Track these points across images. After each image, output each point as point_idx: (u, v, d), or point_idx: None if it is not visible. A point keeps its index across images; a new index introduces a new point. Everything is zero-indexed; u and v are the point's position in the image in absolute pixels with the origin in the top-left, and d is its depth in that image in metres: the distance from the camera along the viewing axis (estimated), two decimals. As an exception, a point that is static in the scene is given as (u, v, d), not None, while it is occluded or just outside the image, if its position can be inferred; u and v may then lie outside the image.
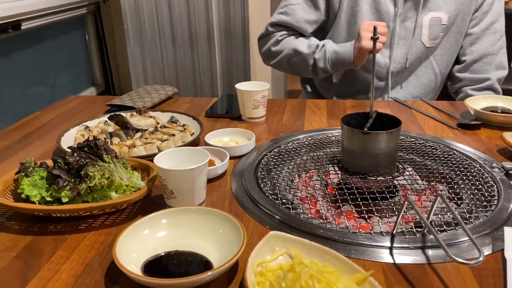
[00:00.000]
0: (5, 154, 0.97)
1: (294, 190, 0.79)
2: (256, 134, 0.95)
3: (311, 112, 1.18)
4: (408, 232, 0.66)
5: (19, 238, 0.66)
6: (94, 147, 0.73)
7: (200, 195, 0.72)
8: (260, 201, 0.74)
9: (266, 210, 0.72)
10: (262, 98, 1.11)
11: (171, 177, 0.68)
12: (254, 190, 0.78)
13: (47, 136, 1.07)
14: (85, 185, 0.68)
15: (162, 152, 0.74)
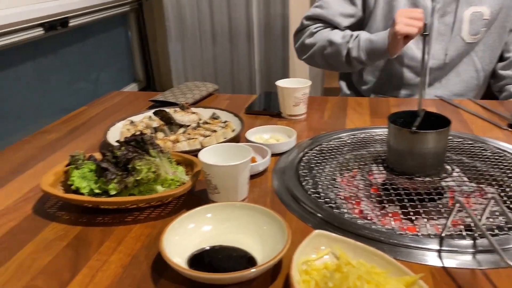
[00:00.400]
0: (54, 147, 1.01)
1: (337, 189, 0.78)
2: (297, 132, 0.95)
3: (352, 110, 1.16)
4: (457, 235, 0.63)
5: (69, 228, 0.68)
6: (141, 142, 0.75)
7: (243, 191, 0.72)
8: (302, 198, 0.73)
9: (308, 208, 0.71)
10: (303, 95, 1.10)
11: (215, 172, 0.69)
12: (296, 187, 0.77)
13: (93, 130, 1.10)
14: (133, 179, 0.70)
15: (206, 148, 0.75)
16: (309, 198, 0.74)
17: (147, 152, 0.75)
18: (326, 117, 1.12)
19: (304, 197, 0.74)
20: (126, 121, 1.06)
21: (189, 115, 1.06)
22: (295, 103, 1.10)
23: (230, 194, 0.70)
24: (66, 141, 1.04)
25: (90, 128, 1.12)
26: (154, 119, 1.07)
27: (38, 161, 0.93)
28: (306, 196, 0.74)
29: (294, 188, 0.77)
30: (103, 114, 1.24)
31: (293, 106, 1.10)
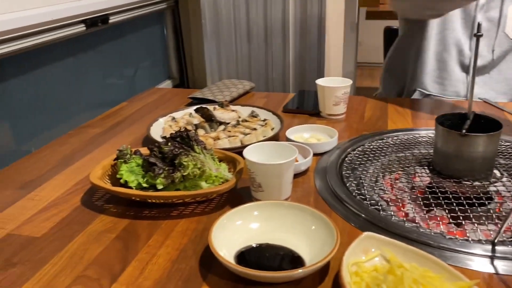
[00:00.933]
0: (98, 141, 1.04)
1: (381, 191, 0.77)
2: (338, 132, 0.95)
3: (394, 111, 1.15)
4: (510, 241, 0.61)
5: (117, 220, 0.70)
6: (186, 138, 0.76)
7: (286, 190, 0.72)
8: (346, 199, 0.73)
9: (353, 209, 0.71)
10: (344, 94, 1.09)
11: (260, 170, 0.69)
12: (339, 188, 0.77)
13: (135, 125, 1.13)
14: (179, 174, 0.71)
15: (250, 146, 0.75)
16: (354, 199, 0.73)
17: (192, 148, 0.76)
18: (366, 118, 1.11)
19: (348, 198, 0.73)
20: (167, 117, 1.07)
21: (229, 113, 1.06)
22: (335, 102, 1.09)
23: (274, 193, 0.71)
24: (109, 136, 1.06)
25: (132, 124, 1.14)
26: (194, 116, 1.08)
27: (84, 155, 0.96)
28: (350, 197, 0.74)
29: (337, 189, 0.77)
30: (143, 110, 1.26)
31: (333, 105, 1.10)
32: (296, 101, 1.30)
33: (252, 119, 1.06)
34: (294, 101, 1.29)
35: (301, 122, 1.09)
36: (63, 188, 0.81)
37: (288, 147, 0.75)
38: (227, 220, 0.61)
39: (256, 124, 1.02)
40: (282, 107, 1.22)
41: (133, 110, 1.26)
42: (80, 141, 1.04)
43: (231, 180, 0.74)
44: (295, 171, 0.80)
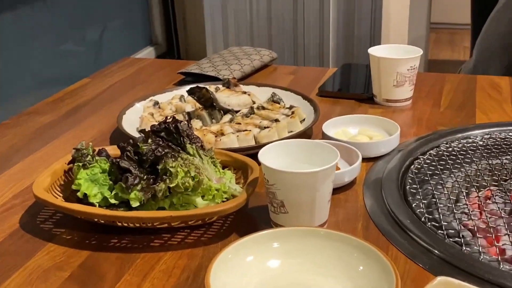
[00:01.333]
0: (47, 135, 1.04)
1: (464, 215, 0.76)
2: (400, 126, 0.94)
3: (485, 96, 1.13)
4: None
5: (72, 253, 0.70)
6: (175, 132, 0.76)
7: (322, 212, 0.72)
8: (411, 227, 0.73)
9: (422, 241, 0.70)
10: (410, 70, 1.08)
11: (283, 182, 0.69)
12: (401, 210, 0.76)
13: (101, 113, 1.13)
14: (164, 185, 0.71)
15: (268, 146, 0.75)
16: (422, 226, 0.73)
17: (182, 148, 0.76)
18: (444, 106, 1.10)
19: (415, 225, 0.73)
20: (147, 102, 1.07)
21: (238, 96, 1.06)
22: (397, 82, 1.08)
23: (303, 215, 0.70)
24: (63, 127, 1.07)
25: (96, 111, 1.15)
26: (187, 100, 1.08)
27: (26, 155, 0.96)
28: (417, 223, 0.73)
29: (398, 211, 0.76)
30: (113, 90, 1.26)
31: (393, 86, 1.09)
32: (338, 80, 1.29)
33: (273, 106, 1.05)
34: (336, 80, 1.28)
35: (346, 111, 1.08)
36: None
37: (326, 148, 0.74)
38: (234, 255, 0.61)
39: (279, 114, 1.01)
40: (317, 88, 1.21)
41: (98, 90, 1.26)
42: (21, 135, 1.04)
43: (240, 195, 0.73)
44: (335, 183, 0.79)
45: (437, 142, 0.93)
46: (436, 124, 1.02)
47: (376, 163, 0.89)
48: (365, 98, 1.14)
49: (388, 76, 1.08)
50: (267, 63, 1.39)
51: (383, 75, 1.09)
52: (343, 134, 0.96)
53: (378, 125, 0.97)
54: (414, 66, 1.08)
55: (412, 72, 1.09)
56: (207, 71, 1.28)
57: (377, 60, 1.09)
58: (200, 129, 0.96)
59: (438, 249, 0.68)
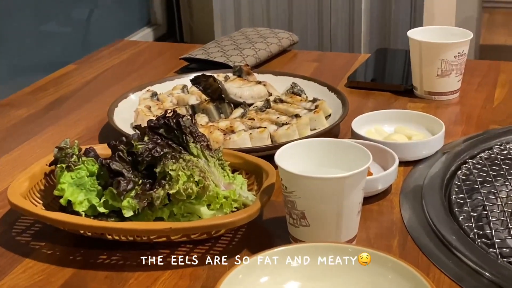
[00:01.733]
0: (24, 131, 1.05)
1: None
2: (445, 123, 0.94)
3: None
4: None
5: (54, 270, 0.70)
6: (176, 129, 0.76)
7: (350, 225, 0.72)
8: (457, 244, 0.72)
9: (470, 262, 0.70)
10: (458, 57, 1.08)
11: (304, 189, 0.69)
12: (445, 224, 0.76)
13: (89, 105, 1.14)
14: (163, 191, 0.71)
15: (288, 145, 0.75)
16: (471, 244, 0.72)
17: (185, 147, 0.76)
18: (498, 100, 1.10)
19: (462, 242, 0.73)
20: (144, 93, 1.08)
21: (251, 86, 1.06)
22: (441, 72, 1.08)
23: (328, 229, 0.70)
24: (44, 122, 1.07)
25: (84, 102, 1.15)
26: (191, 91, 1.09)
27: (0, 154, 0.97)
28: (464, 240, 0.73)
29: (442, 225, 0.76)
30: (103, 79, 1.27)
31: (437, 76, 1.09)
32: (371, 68, 1.29)
33: (293, 99, 1.05)
34: (368, 68, 1.28)
35: (380, 106, 1.08)
36: (-36, 210, 0.82)
37: (355, 149, 0.74)
38: (245, 275, 0.61)
39: (300, 108, 1.01)
40: (346, 78, 1.21)
41: (86, 78, 1.27)
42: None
43: (253, 205, 0.73)
44: (367, 191, 0.79)
45: (489, 144, 0.93)
46: (488, 121, 1.02)
47: (416, 168, 0.89)
48: (404, 90, 1.14)
49: (431, 64, 1.08)
50: (286, 47, 1.39)
51: (425, 62, 1.09)
52: (376, 132, 0.96)
53: (418, 122, 0.97)
54: (462, 52, 1.08)
55: (460, 60, 1.08)
56: (215, 56, 1.28)
57: (418, 45, 1.09)
58: (206, 125, 0.96)
59: (489, 271, 0.68)
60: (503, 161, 0.89)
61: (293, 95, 1.07)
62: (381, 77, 1.26)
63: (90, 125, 1.06)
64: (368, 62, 1.30)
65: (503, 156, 0.90)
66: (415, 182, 0.86)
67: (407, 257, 0.71)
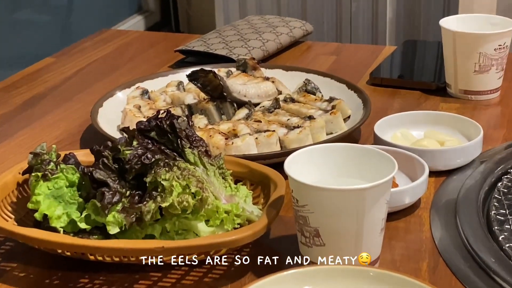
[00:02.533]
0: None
1: None
2: (483, 127, 0.94)
3: None
4: None
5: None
6: (170, 132, 0.76)
7: (372, 245, 0.72)
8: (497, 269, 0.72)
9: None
10: (499, 50, 1.08)
11: (318, 202, 0.69)
12: (483, 244, 0.76)
13: (69, 104, 1.14)
14: (154, 205, 0.71)
15: (299, 152, 0.75)
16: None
17: (180, 153, 0.76)
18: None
19: (502, 266, 0.72)
20: (133, 91, 1.08)
21: (258, 83, 1.07)
22: (479, 67, 1.09)
23: (346, 249, 0.70)
24: (17, 124, 1.08)
25: (63, 101, 1.15)
26: (188, 88, 1.09)
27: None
28: (505, 263, 0.73)
29: (479, 246, 0.76)
30: (87, 74, 1.27)
31: (475, 72, 1.09)
32: (398, 62, 1.29)
33: (306, 98, 1.05)
34: (394, 62, 1.28)
35: (409, 107, 1.08)
36: None
37: (379, 157, 0.74)
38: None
39: (314, 108, 1.01)
40: (368, 74, 1.21)
41: (66, 74, 1.27)
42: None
43: (259, 221, 0.73)
44: (392, 205, 0.79)
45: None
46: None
47: (449, 179, 0.89)
48: (435, 89, 1.14)
49: (467, 58, 1.08)
50: (299, 38, 1.39)
51: (461, 56, 1.09)
52: (403, 137, 0.96)
53: (452, 125, 0.97)
54: (504, 45, 1.08)
55: (502, 53, 1.08)
56: (215, 48, 1.28)
57: (452, 36, 1.09)
58: (205, 128, 0.96)
59: (534, 300, 0.68)
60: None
61: (306, 93, 1.07)
62: (409, 73, 1.25)
63: (71, 127, 1.06)
64: (394, 55, 1.30)
65: (552, 166, 0.90)
66: (448, 195, 0.86)
67: (438, 283, 0.71)
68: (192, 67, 1.10)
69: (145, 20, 2.48)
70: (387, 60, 1.27)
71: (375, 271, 0.64)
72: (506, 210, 0.82)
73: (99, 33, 1.48)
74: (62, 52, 1.38)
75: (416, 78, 1.20)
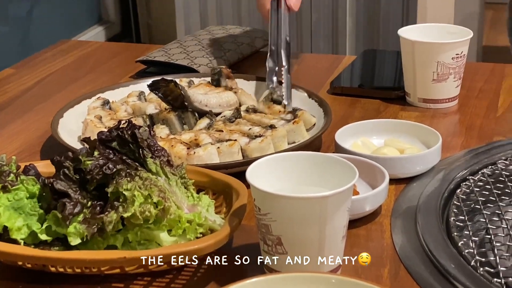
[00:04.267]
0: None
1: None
2: (442, 135, 0.95)
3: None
4: None
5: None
6: (131, 142, 0.76)
7: (334, 252, 0.72)
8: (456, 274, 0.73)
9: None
10: (456, 59, 1.09)
11: (280, 210, 0.69)
12: (443, 250, 0.77)
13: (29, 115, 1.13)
14: (115, 215, 0.70)
15: (261, 161, 0.75)
16: (472, 273, 0.73)
17: (141, 163, 0.76)
18: (502, 108, 1.11)
19: (462, 271, 0.73)
20: (94, 101, 1.08)
21: (219, 93, 1.07)
22: (438, 76, 1.09)
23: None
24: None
25: (23, 113, 1.15)
26: (149, 98, 1.09)
27: None
28: (465, 268, 0.74)
29: (439, 252, 0.76)
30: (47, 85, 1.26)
31: (433, 81, 1.10)
32: (357, 71, 1.30)
33: (270, 107, 1.06)
34: (354, 71, 1.28)
35: (369, 115, 1.09)
36: None
37: (339, 164, 0.75)
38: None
39: (277, 118, 1.02)
40: (329, 83, 1.22)
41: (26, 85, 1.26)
42: None
43: (221, 230, 0.73)
44: (353, 213, 0.80)
45: (493, 158, 0.94)
46: (491, 133, 1.03)
47: (409, 186, 0.90)
48: (395, 97, 1.15)
49: (425, 67, 1.09)
50: (260, 48, 1.39)
51: (419, 65, 1.10)
52: (363, 146, 0.97)
53: (412, 134, 0.97)
54: (461, 54, 1.09)
55: (459, 62, 1.09)
56: (176, 59, 1.28)
57: (411, 45, 1.10)
58: (166, 138, 0.96)
59: (495, 305, 0.69)
60: (508, 178, 0.89)
61: (271, 104, 1.06)
62: (369, 82, 1.26)
63: (31, 138, 1.05)
64: (354, 65, 1.30)
65: (509, 172, 0.91)
66: (408, 202, 0.86)
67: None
68: (154, 77, 1.09)
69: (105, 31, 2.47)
70: (347, 69, 1.28)
71: (337, 278, 0.64)
72: (465, 216, 0.82)
73: (59, 44, 1.47)
74: (21, 63, 1.37)
75: (375, 87, 1.21)
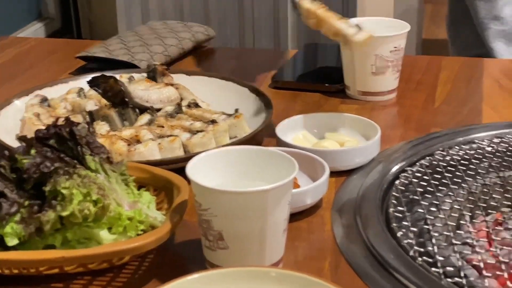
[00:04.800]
0: None
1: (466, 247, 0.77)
2: (381, 127, 0.95)
3: (495, 85, 1.16)
4: None
5: None
6: (69, 140, 0.75)
7: (275, 246, 0.72)
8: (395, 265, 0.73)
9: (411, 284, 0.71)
10: (394, 52, 1.10)
11: (221, 205, 0.69)
12: (382, 241, 0.77)
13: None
14: (53, 214, 0.69)
15: (201, 156, 0.75)
16: (411, 263, 0.73)
17: (80, 161, 0.75)
18: (439, 100, 1.12)
19: (401, 262, 0.74)
20: (32, 98, 1.06)
21: (159, 89, 1.06)
22: (376, 69, 1.10)
23: (249, 251, 0.71)
24: None
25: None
26: (89, 95, 1.08)
27: None
28: (404, 259, 0.74)
29: (378, 243, 0.77)
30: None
31: (371, 74, 1.11)
32: (299, 65, 1.30)
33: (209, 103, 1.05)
34: (296, 65, 1.29)
35: (307, 109, 1.09)
36: None
37: (280, 158, 0.75)
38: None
39: (218, 113, 1.02)
40: (270, 77, 1.22)
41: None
42: None
43: (162, 226, 0.73)
44: (293, 206, 0.80)
45: (430, 149, 0.95)
46: (429, 124, 1.04)
47: (350, 179, 0.90)
48: (335, 91, 1.16)
49: (364, 60, 1.10)
50: (201, 43, 1.39)
51: (358, 59, 1.10)
52: (304, 139, 0.97)
53: (351, 126, 0.98)
54: (399, 47, 1.10)
55: (397, 55, 1.10)
56: (117, 54, 1.27)
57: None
58: (106, 134, 0.95)
59: (433, 294, 0.69)
60: (445, 169, 0.90)
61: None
62: (310, 76, 1.26)
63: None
64: (296, 59, 1.31)
65: (446, 163, 0.92)
66: (348, 194, 0.87)
67: (340, 281, 0.72)
68: (94, 73, 1.08)
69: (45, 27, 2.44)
70: (289, 63, 1.28)
71: (277, 271, 0.64)
72: (404, 207, 0.83)
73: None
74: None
75: (316, 81, 1.21)
